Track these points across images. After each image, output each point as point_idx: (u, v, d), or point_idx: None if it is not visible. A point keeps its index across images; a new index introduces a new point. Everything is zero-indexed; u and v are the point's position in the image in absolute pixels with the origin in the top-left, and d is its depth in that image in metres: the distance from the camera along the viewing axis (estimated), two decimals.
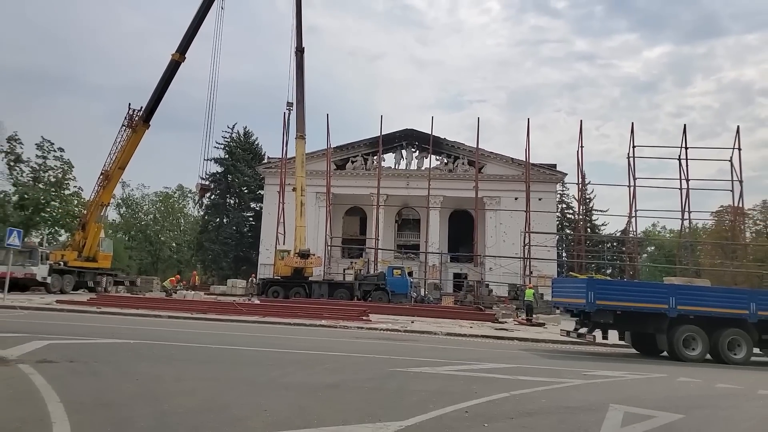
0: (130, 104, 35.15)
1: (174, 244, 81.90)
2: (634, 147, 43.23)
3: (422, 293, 43.03)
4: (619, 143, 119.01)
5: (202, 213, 69.25)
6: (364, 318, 23.41)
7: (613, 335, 17.32)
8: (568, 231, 61.60)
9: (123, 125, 35.15)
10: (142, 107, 35.17)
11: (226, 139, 63.27)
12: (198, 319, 20.19)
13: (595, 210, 64.00)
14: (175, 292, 31.73)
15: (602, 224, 66.52)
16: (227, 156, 62.88)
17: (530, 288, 32.82)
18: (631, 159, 43.40)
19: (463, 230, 60.79)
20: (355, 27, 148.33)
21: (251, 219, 66.02)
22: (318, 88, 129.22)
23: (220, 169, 62.81)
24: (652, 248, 75.85)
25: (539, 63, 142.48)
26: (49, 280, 32.04)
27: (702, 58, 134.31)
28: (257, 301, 29.01)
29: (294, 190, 38.82)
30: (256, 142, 68.10)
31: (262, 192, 64.24)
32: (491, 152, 54.54)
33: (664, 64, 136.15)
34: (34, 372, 8.06)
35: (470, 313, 29.57)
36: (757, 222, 58.42)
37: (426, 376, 10.03)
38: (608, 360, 15.03)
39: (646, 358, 16.00)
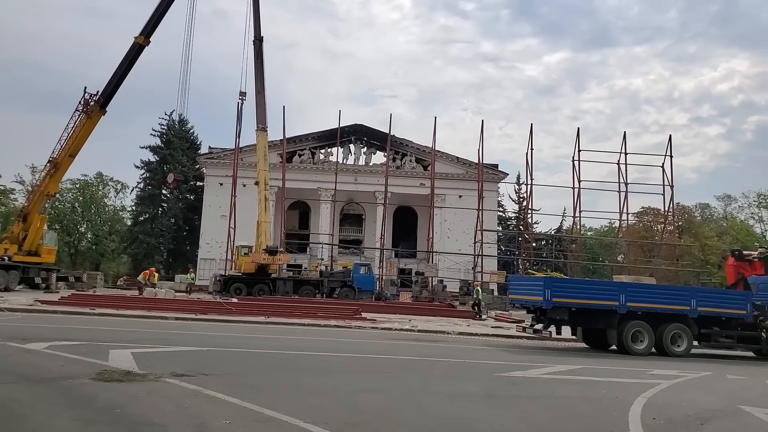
0: (85, 88, 32.77)
1: (90, 236, 76.84)
2: (579, 150, 45.75)
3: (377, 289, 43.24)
4: (521, 143, 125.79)
5: (132, 203, 65.39)
6: (359, 317, 23.31)
7: (566, 330, 18.18)
8: (519, 228, 63.88)
9: (77, 110, 32.67)
10: (98, 92, 32.82)
11: (162, 126, 60.10)
12: (208, 321, 19.32)
13: (531, 210, 66.61)
14: (147, 287, 30.02)
15: (534, 222, 69.44)
16: (162, 144, 59.74)
17: (477, 286, 33.77)
18: (576, 162, 45.96)
19: (404, 226, 61.68)
20: (266, 13, 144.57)
21: (184, 210, 63.19)
22: (228, 72, 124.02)
23: (154, 158, 59.58)
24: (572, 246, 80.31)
25: (448, 62, 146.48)
26: None
27: (596, 65, 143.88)
28: (235, 300, 28.11)
29: (256, 183, 37.68)
30: (192, 131, 65.29)
31: (198, 183, 61.86)
32: (438, 150, 55.55)
33: (563, 70, 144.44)
34: (199, 388, 7.61)
35: (448, 310, 30.24)
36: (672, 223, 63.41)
37: (542, 382, 10.42)
38: (640, 358, 15.95)
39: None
